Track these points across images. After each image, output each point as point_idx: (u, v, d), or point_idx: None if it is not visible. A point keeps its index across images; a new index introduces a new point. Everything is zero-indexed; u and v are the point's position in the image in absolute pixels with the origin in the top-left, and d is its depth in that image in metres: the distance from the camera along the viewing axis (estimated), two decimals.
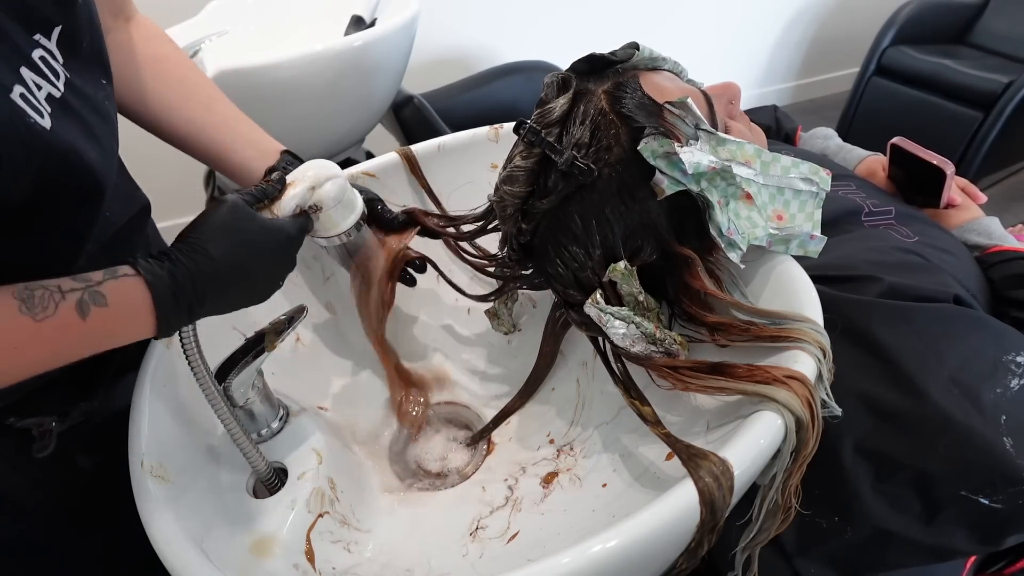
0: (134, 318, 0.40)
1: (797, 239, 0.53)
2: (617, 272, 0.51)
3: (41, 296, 0.36)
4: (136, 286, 0.39)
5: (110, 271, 0.39)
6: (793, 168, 0.54)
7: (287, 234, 0.48)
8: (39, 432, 0.51)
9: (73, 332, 0.37)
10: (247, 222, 0.45)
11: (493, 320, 0.72)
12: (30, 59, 0.37)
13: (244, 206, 0.46)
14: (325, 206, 0.52)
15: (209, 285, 0.42)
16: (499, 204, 0.55)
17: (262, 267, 0.46)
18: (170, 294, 0.40)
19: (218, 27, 1.18)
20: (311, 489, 0.52)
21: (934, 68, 2.02)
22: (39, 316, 0.35)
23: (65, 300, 0.37)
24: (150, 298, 0.39)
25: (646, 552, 0.37)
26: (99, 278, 0.38)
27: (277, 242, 0.47)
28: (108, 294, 0.38)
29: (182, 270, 0.41)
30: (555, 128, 0.51)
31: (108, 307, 0.38)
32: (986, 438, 0.47)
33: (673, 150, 0.48)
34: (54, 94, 0.38)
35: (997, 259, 0.67)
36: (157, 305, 0.40)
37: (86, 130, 0.41)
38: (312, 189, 0.51)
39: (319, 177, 0.52)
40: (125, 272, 0.39)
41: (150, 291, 0.39)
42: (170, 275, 0.40)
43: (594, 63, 0.54)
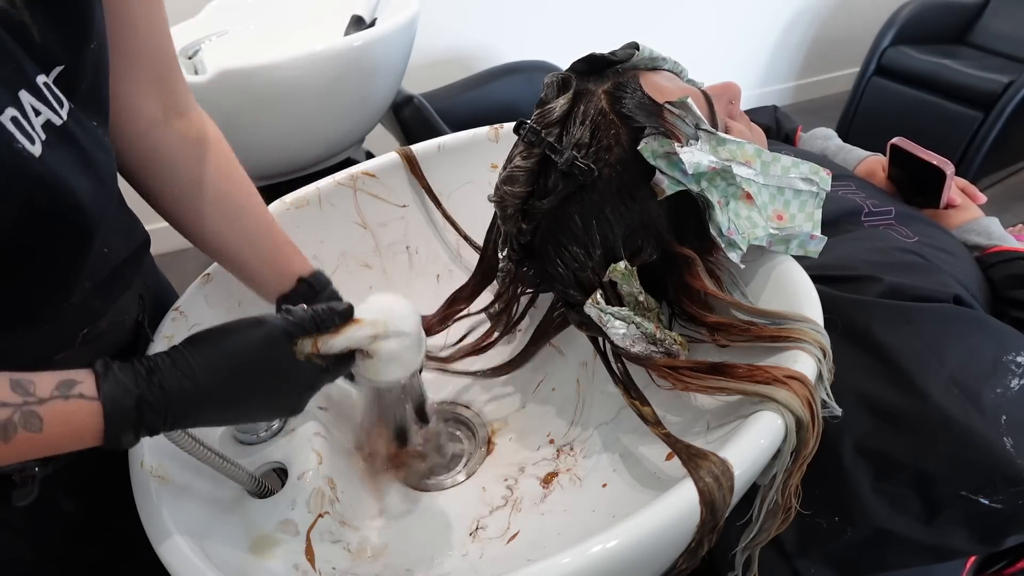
0: (73, 442, 0.34)
1: (797, 239, 0.53)
2: (617, 272, 0.51)
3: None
4: (89, 412, 0.34)
5: (65, 383, 0.34)
6: (793, 168, 0.54)
7: (311, 384, 0.42)
8: (20, 478, 0.46)
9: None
10: (271, 363, 0.39)
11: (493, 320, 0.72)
12: (33, 83, 0.34)
13: (280, 340, 0.39)
14: (377, 358, 0.44)
15: (186, 416, 0.37)
16: (499, 204, 0.55)
17: (259, 411, 0.41)
18: (129, 427, 0.35)
19: (218, 27, 1.18)
20: (311, 489, 0.52)
21: (934, 68, 2.02)
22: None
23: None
24: (101, 428, 0.34)
25: (646, 552, 0.37)
26: (45, 393, 0.33)
27: (293, 391, 0.41)
28: (47, 418, 0.33)
29: (157, 399, 0.35)
30: (555, 128, 0.51)
31: (41, 433, 0.33)
32: (986, 438, 0.47)
33: (673, 150, 0.48)
34: (54, 121, 0.36)
35: (997, 259, 0.67)
36: (108, 436, 0.35)
37: (84, 161, 0.38)
38: (374, 338, 0.43)
39: (388, 328, 0.44)
40: (82, 392, 0.34)
41: (104, 423, 0.34)
42: (137, 406, 0.35)
43: (594, 63, 0.54)
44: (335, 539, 0.52)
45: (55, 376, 0.34)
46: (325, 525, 0.52)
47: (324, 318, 0.41)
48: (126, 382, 0.35)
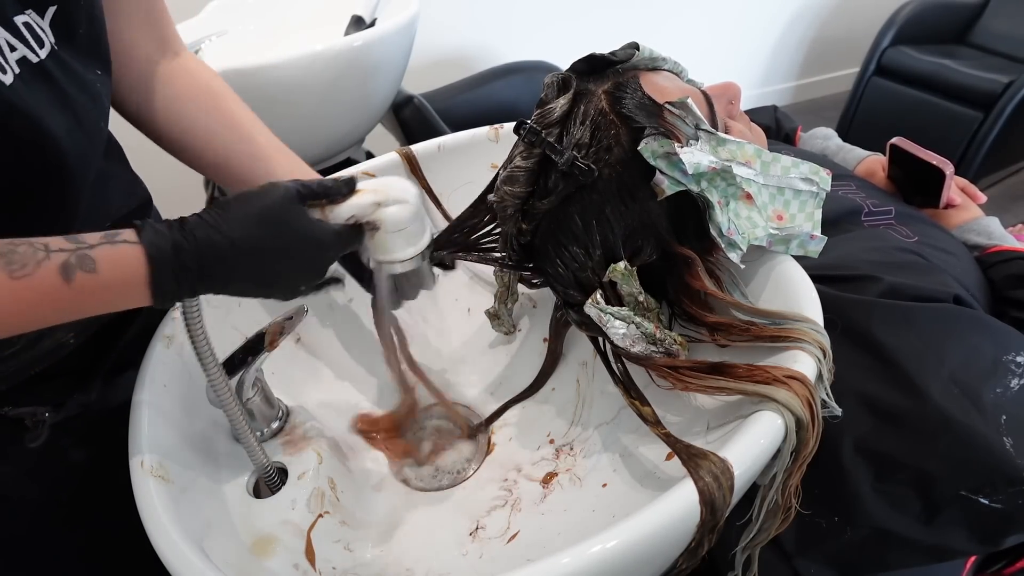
0: (126, 288, 0.37)
1: (797, 239, 0.53)
2: (617, 272, 0.51)
3: (23, 253, 0.34)
4: (134, 256, 0.37)
5: (110, 234, 0.37)
6: (793, 168, 0.54)
7: (326, 243, 0.45)
8: (32, 422, 0.50)
9: (54, 296, 0.35)
10: (289, 216, 0.42)
11: (493, 321, 0.72)
12: (11, 21, 0.37)
13: (295, 198, 0.43)
14: (384, 228, 0.47)
15: (218, 266, 0.39)
16: (499, 204, 0.55)
17: (283, 267, 0.43)
18: (170, 271, 0.37)
19: (218, 27, 1.18)
20: (311, 489, 0.52)
21: (934, 68, 2.02)
22: (16, 273, 0.33)
23: (49, 260, 0.34)
24: (147, 271, 0.37)
25: (646, 552, 0.37)
26: (94, 241, 0.36)
27: (311, 247, 0.44)
28: (99, 260, 0.36)
29: (191, 245, 0.38)
30: (555, 128, 0.51)
31: (97, 274, 0.36)
32: (986, 438, 0.47)
33: (673, 150, 0.48)
34: (30, 58, 0.38)
35: (997, 259, 0.67)
36: (153, 280, 0.37)
37: (62, 101, 0.40)
38: (377, 205, 0.46)
39: (388, 196, 0.47)
40: (126, 238, 0.37)
41: (148, 265, 0.37)
42: (174, 249, 0.38)
43: (594, 63, 0.54)
44: (335, 539, 0.52)
45: (99, 232, 0.37)
46: (325, 525, 0.52)
47: (330, 186, 0.45)
48: (162, 230, 0.38)
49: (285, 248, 0.42)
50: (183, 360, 0.56)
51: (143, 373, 0.53)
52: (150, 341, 0.56)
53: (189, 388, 0.55)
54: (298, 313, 0.54)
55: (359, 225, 0.47)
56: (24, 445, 0.50)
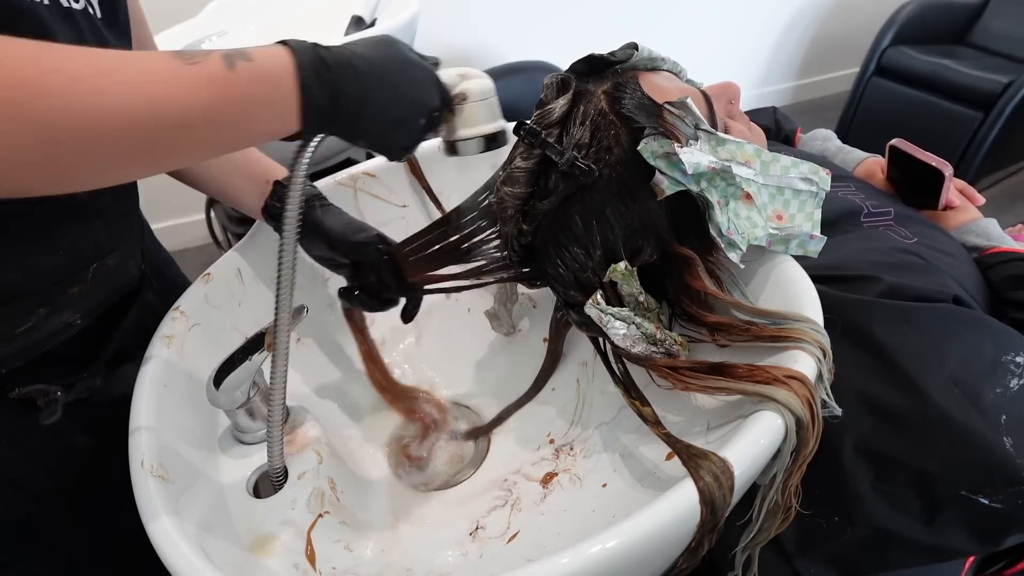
0: (276, 80, 0.39)
1: (797, 239, 0.53)
2: (617, 272, 0.51)
3: (192, 50, 0.37)
4: (281, 52, 0.40)
5: (259, 47, 0.40)
6: (793, 168, 0.54)
7: (433, 74, 0.48)
8: (45, 401, 0.51)
9: (220, 83, 0.37)
10: (400, 45, 0.46)
11: (493, 321, 0.72)
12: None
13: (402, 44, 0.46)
14: (471, 96, 0.50)
15: (353, 80, 0.42)
16: (499, 205, 0.55)
17: (402, 83, 0.45)
18: (313, 70, 0.40)
19: (218, 27, 1.18)
20: (311, 489, 0.52)
21: (934, 68, 2.02)
22: (190, 61, 0.36)
23: (211, 56, 0.37)
24: (294, 66, 0.39)
25: (646, 552, 0.37)
26: (249, 48, 0.39)
27: (423, 71, 0.47)
28: (254, 57, 0.38)
29: (330, 54, 0.41)
30: (555, 129, 0.51)
31: (253, 62, 0.38)
32: (986, 438, 0.47)
33: (673, 150, 0.48)
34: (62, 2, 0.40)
35: (996, 260, 0.67)
36: (300, 74, 0.39)
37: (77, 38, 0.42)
38: (462, 77, 0.50)
39: (471, 72, 0.51)
40: (274, 46, 0.40)
41: (293, 58, 0.39)
42: (314, 48, 0.40)
43: (593, 64, 0.54)
44: (335, 539, 0.52)
45: None
46: (325, 525, 0.52)
47: (420, 56, 0.48)
48: (305, 41, 0.41)
49: (403, 65, 0.45)
50: (183, 360, 0.56)
51: (143, 373, 0.53)
52: (145, 335, 0.56)
53: (189, 388, 0.55)
54: (298, 313, 0.54)
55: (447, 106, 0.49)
56: (30, 431, 0.51)
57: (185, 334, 0.57)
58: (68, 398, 0.52)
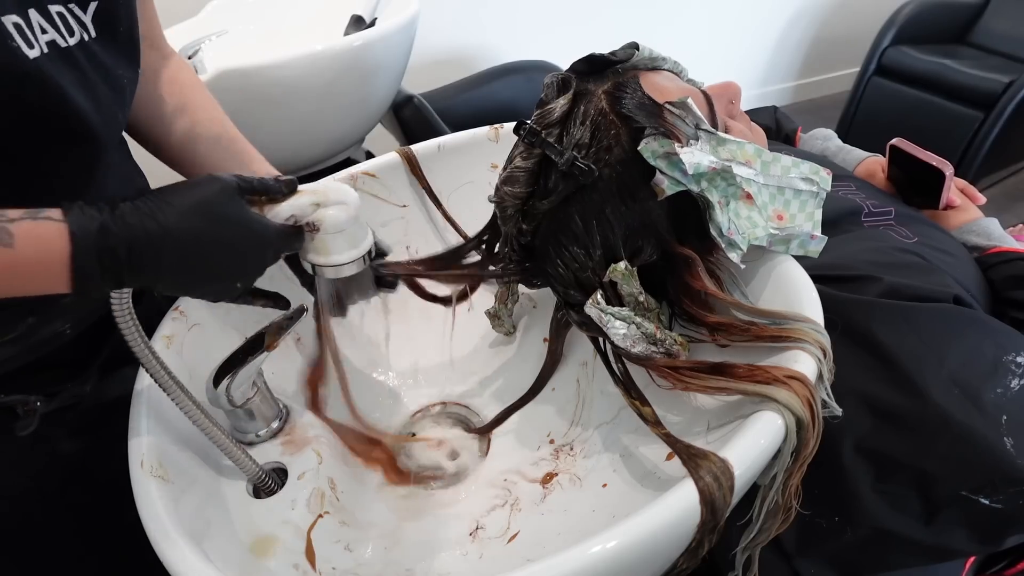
0: (45, 268, 0.35)
1: (798, 239, 0.53)
2: (617, 272, 0.51)
3: None
4: (56, 233, 0.35)
5: (35, 210, 0.35)
6: (793, 168, 0.54)
7: (266, 238, 0.43)
8: (24, 410, 0.50)
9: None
10: (228, 208, 0.40)
11: (493, 321, 0.72)
12: (44, 7, 0.39)
13: (233, 190, 0.41)
14: (323, 228, 0.47)
15: (148, 254, 0.37)
16: (499, 205, 0.55)
17: (220, 259, 0.41)
18: (94, 253, 0.35)
19: (218, 27, 1.18)
20: (311, 489, 0.52)
21: (934, 68, 2.02)
22: None
23: None
24: (68, 252, 0.35)
25: (646, 552, 0.37)
26: (16, 215, 0.34)
27: (249, 241, 0.42)
28: (17, 235, 0.34)
29: (120, 230, 0.36)
30: (555, 129, 0.51)
31: (12, 249, 0.33)
32: (986, 438, 0.47)
33: (673, 150, 0.48)
34: (59, 43, 0.40)
35: (997, 260, 0.67)
36: (75, 262, 0.35)
37: (84, 84, 0.42)
38: (316, 205, 0.46)
39: (328, 197, 0.46)
40: (50, 215, 0.35)
41: (70, 244, 0.35)
42: (101, 231, 0.35)
43: (594, 63, 0.54)
44: (335, 539, 0.52)
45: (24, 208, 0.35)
46: (325, 525, 0.52)
47: (270, 184, 0.44)
48: (91, 212, 0.36)
49: (222, 239, 0.40)
50: (183, 360, 0.56)
51: (143, 373, 0.53)
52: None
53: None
54: (297, 313, 0.54)
55: (299, 227, 0.46)
56: (11, 437, 0.50)
57: (185, 334, 0.57)
58: (50, 407, 0.51)
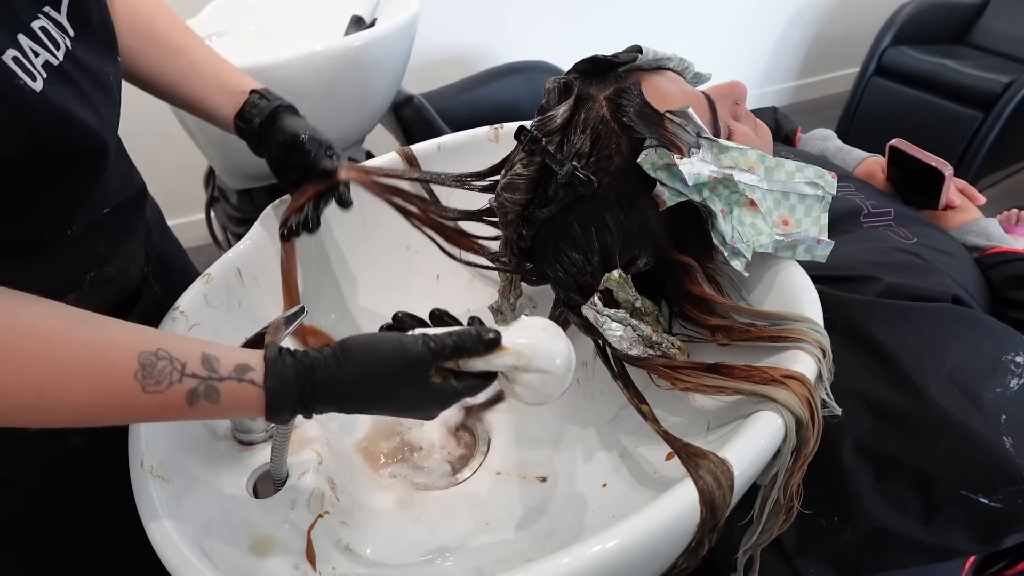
0: (238, 413, 0.42)
1: (804, 244, 0.53)
2: (612, 281, 0.51)
3: (161, 370, 0.37)
4: (255, 396, 0.40)
5: (240, 368, 0.40)
6: (798, 172, 0.53)
7: (447, 401, 0.43)
8: None
9: (171, 412, 0.39)
10: (410, 383, 0.41)
11: (497, 316, 0.72)
12: (28, 27, 0.39)
13: (424, 366, 0.41)
14: (515, 384, 0.43)
15: (328, 405, 0.42)
16: (500, 210, 0.55)
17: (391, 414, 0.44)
18: (287, 411, 0.41)
19: (218, 27, 1.18)
20: (311, 489, 0.52)
21: (934, 68, 2.02)
22: (150, 389, 0.37)
23: (181, 384, 0.38)
24: (263, 406, 0.40)
25: (647, 552, 0.37)
26: (226, 372, 0.39)
27: (425, 409, 0.44)
28: (223, 393, 0.39)
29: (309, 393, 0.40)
30: (556, 136, 0.51)
31: (218, 405, 0.39)
32: (986, 437, 0.47)
33: (673, 161, 0.48)
34: (51, 61, 0.40)
35: (996, 260, 0.67)
36: (267, 414, 0.41)
37: (82, 97, 0.43)
38: (515, 368, 0.42)
39: (531, 364, 0.42)
40: (252, 378, 0.40)
41: (265, 402, 0.40)
42: (298, 396, 0.40)
43: (597, 64, 0.54)
44: (335, 539, 0.52)
45: (234, 357, 0.40)
46: (325, 525, 0.52)
47: (468, 345, 0.41)
48: (287, 377, 0.40)
49: (398, 404, 0.43)
50: None
51: None
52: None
53: None
54: (297, 313, 0.54)
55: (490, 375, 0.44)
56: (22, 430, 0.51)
57: (185, 334, 0.57)
58: None
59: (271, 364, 0.40)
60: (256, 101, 0.62)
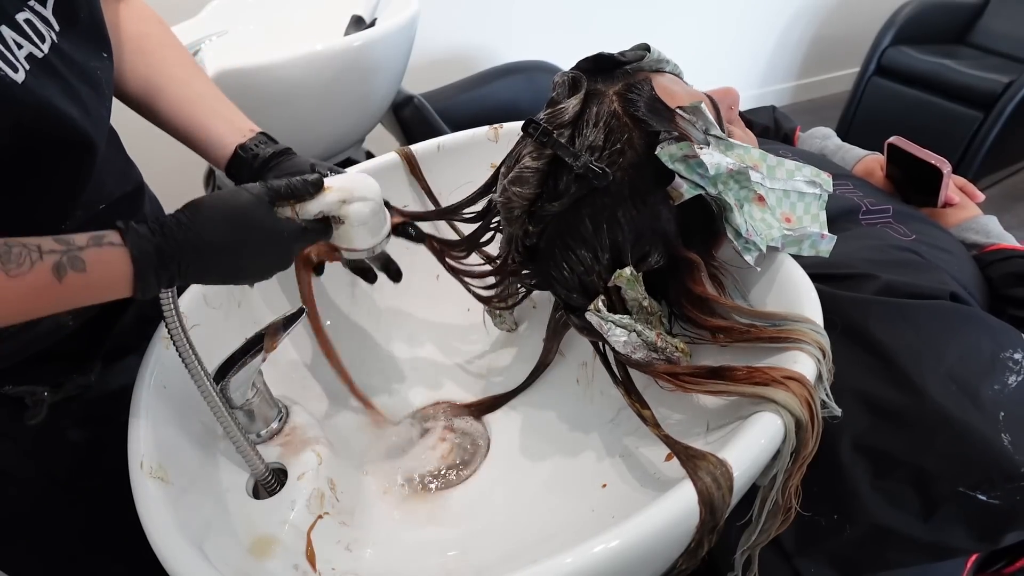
0: (112, 285, 0.41)
1: (808, 239, 0.53)
2: (623, 278, 0.51)
3: (18, 253, 0.37)
4: (119, 256, 0.40)
5: (96, 236, 0.40)
6: (797, 172, 0.54)
7: (293, 237, 0.48)
8: (32, 400, 0.52)
9: (46, 292, 0.38)
10: (256, 217, 0.45)
11: (495, 318, 0.72)
12: (13, 20, 0.39)
13: (264, 203, 0.46)
14: (348, 223, 0.51)
15: (195, 264, 0.43)
16: (505, 205, 0.54)
17: (253, 261, 0.46)
18: (152, 269, 0.41)
19: (218, 27, 1.18)
20: (311, 489, 0.52)
21: (934, 68, 2.02)
22: (12, 272, 0.36)
23: (43, 260, 0.37)
24: (131, 270, 0.40)
25: (647, 552, 0.37)
26: (82, 242, 0.39)
27: (278, 243, 0.47)
28: (88, 260, 0.39)
29: (171, 246, 0.41)
30: (567, 129, 0.50)
31: (86, 273, 0.39)
32: (984, 435, 0.47)
33: (693, 152, 0.48)
34: (36, 54, 0.40)
35: (995, 257, 0.67)
36: (137, 277, 0.41)
37: (67, 91, 0.43)
38: (342, 203, 0.50)
39: (353, 193, 0.50)
40: (111, 240, 0.40)
41: (132, 264, 0.40)
42: (157, 251, 0.41)
43: (601, 63, 0.53)
44: (335, 539, 0.52)
45: (86, 233, 0.40)
46: (325, 525, 0.52)
47: (298, 186, 0.48)
48: (144, 233, 0.41)
49: (254, 245, 0.45)
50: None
51: (143, 374, 0.53)
52: (146, 328, 0.57)
53: (188, 389, 0.55)
54: (297, 314, 0.54)
55: (327, 218, 0.50)
56: (22, 425, 0.52)
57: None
58: (56, 397, 0.53)
59: (126, 227, 0.41)
60: (263, 140, 0.62)
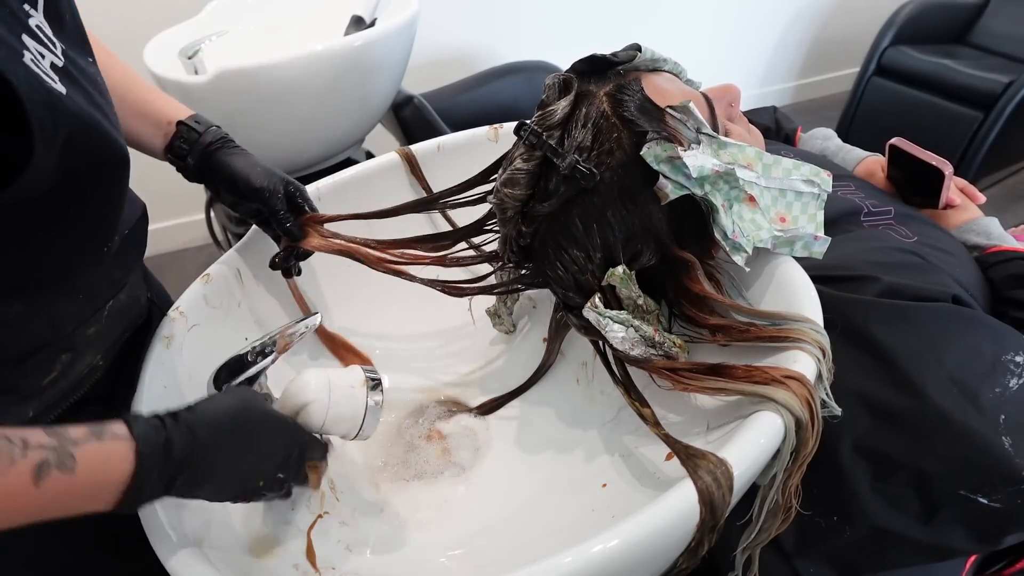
0: (98, 489, 0.34)
1: (801, 240, 0.53)
2: (615, 277, 0.51)
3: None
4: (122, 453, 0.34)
5: (99, 427, 0.34)
6: (794, 170, 0.54)
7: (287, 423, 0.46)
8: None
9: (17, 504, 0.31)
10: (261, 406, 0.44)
11: (494, 320, 0.72)
12: (28, 27, 0.35)
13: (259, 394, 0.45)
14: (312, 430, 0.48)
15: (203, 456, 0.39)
16: (499, 207, 0.55)
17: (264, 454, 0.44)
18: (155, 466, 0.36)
19: (218, 27, 1.18)
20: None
21: (934, 68, 2.02)
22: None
23: (26, 459, 0.30)
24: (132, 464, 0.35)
25: (647, 552, 0.37)
26: (79, 435, 0.33)
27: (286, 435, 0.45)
28: (81, 460, 0.32)
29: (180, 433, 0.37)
30: (556, 131, 0.51)
31: (74, 476, 0.32)
32: (985, 437, 0.47)
33: (676, 154, 0.48)
34: (56, 63, 0.37)
35: (996, 259, 0.67)
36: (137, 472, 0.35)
37: (91, 101, 0.40)
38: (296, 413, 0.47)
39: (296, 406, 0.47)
40: (116, 433, 0.35)
41: (135, 457, 0.35)
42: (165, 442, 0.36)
43: (595, 64, 0.54)
44: (335, 539, 0.52)
45: (84, 425, 0.34)
46: (325, 525, 0.52)
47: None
48: (155, 423, 0.37)
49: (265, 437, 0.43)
50: (183, 360, 0.56)
51: (143, 374, 0.53)
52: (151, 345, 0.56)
53: (189, 389, 0.55)
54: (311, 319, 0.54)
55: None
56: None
57: (184, 335, 0.58)
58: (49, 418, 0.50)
59: (132, 420, 0.36)
60: (185, 134, 0.59)
